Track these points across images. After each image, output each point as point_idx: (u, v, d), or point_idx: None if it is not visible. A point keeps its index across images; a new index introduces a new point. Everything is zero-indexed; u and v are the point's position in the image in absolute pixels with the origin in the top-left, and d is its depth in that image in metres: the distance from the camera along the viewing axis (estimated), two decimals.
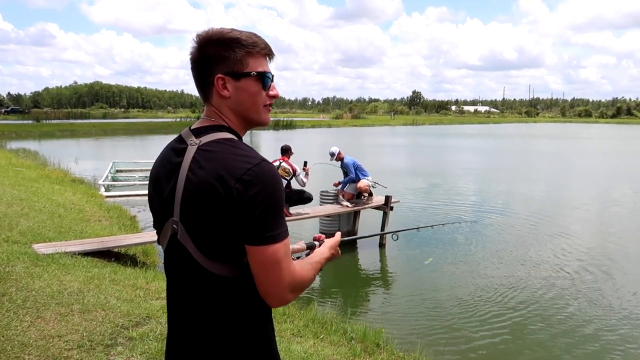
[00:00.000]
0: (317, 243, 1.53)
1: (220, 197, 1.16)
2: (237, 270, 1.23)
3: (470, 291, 7.22)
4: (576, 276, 7.87)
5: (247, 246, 1.19)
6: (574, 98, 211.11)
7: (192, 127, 1.35)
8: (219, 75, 1.29)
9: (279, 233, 1.20)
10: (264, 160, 1.22)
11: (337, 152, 9.43)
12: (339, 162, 9.61)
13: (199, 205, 1.20)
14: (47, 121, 59.45)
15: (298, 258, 1.45)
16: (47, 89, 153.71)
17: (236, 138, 1.30)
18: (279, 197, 1.20)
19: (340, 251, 1.59)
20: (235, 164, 1.19)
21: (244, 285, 1.24)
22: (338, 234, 1.62)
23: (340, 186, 9.66)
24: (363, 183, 9.40)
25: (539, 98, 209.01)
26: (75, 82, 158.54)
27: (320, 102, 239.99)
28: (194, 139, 1.29)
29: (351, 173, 9.37)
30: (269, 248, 1.18)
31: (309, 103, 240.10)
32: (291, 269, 1.23)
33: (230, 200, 1.16)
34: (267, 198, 1.17)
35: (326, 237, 1.62)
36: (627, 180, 19.27)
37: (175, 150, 1.32)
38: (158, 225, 1.35)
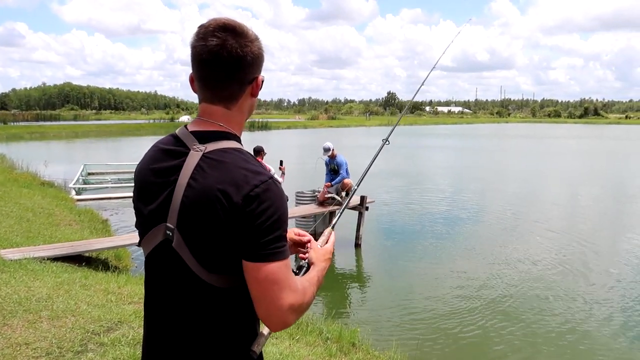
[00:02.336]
0: (304, 264, 1.40)
1: (225, 209, 1.11)
2: (234, 281, 1.18)
3: (444, 289, 7.32)
4: (548, 271, 8.05)
5: (246, 263, 1.14)
6: (543, 99, 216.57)
7: (191, 129, 1.25)
8: (261, 75, 1.28)
9: (281, 251, 1.15)
10: (272, 177, 1.17)
11: (332, 148, 9.41)
12: (332, 158, 9.54)
13: (200, 214, 1.14)
14: (15, 123, 57.83)
15: None
16: (14, 90, 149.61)
17: (243, 147, 1.24)
18: (284, 216, 1.16)
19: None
20: (244, 179, 1.13)
21: (239, 296, 1.19)
22: (332, 240, 1.56)
23: (332, 185, 9.53)
24: (348, 180, 9.42)
25: (510, 99, 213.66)
26: (44, 84, 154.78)
27: (296, 103, 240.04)
28: (198, 144, 1.21)
29: (343, 171, 9.37)
30: (270, 266, 1.13)
31: (285, 104, 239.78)
32: (292, 288, 1.16)
33: (235, 215, 1.11)
34: (272, 216, 1.13)
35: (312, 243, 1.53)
36: (595, 177, 19.82)
37: (171, 153, 1.23)
38: (144, 227, 1.27)
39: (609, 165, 24.69)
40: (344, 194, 9.58)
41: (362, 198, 9.55)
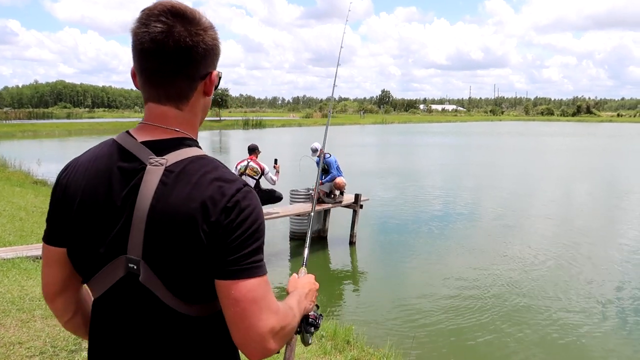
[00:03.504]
0: None
1: (204, 229, 0.97)
2: (216, 307, 1.04)
3: (439, 286, 7.35)
4: (543, 268, 8.11)
5: (220, 282, 0.99)
6: (537, 97, 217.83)
7: (142, 139, 1.05)
8: (216, 71, 1.10)
9: (260, 265, 1.02)
10: (246, 184, 1.04)
11: (320, 148, 9.39)
12: (320, 158, 9.52)
13: (174, 240, 0.98)
14: (7, 121, 57.37)
15: None
16: (6, 88, 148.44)
17: (207, 155, 1.07)
18: (263, 226, 1.04)
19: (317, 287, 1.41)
20: (219, 190, 0.99)
21: (221, 322, 1.04)
22: (310, 275, 1.47)
23: (323, 183, 9.52)
24: (340, 179, 9.41)
25: (503, 97, 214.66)
26: (37, 81, 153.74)
27: (290, 101, 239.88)
28: (155, 156, 1.02)
29: (333, 170, 9.37)
30: (249, 282, 0.99)
31: (279, 102, 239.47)
32: (273, 309, 1.01)
33: (216, 232, 0.97)
34: (252, 225, 1.00)
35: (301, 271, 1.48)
36: (589, 174, 19.95)
37: (123, 171, 1.03)
38: (91, 264, 1.05)
39: (603, 162, 24.86)
40: (337, 192, 9.60)
41: (357, 196, 9.57)
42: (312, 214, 1.93)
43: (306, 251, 1.75)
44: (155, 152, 1.03)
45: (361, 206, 9.59)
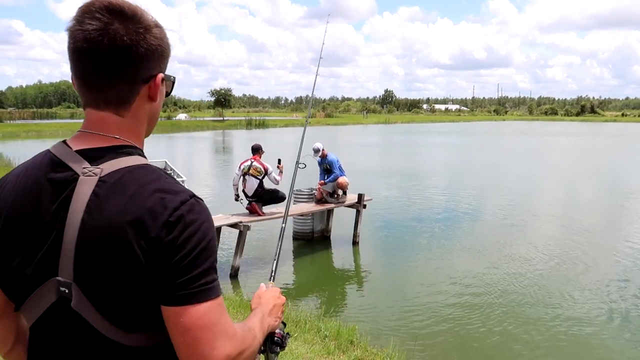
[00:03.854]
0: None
1: (141, 246, 0.86)
2: (160, 336, 0.92)
3: (442, 286, 7.34)
4: (547, 268, 8.09)
5: (167, 308, 0.88)
6: (540, 96, 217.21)
7: (76, 147, 0.95)
8: (161, 74, 1.00)
9: (212, 287, 0.90)
10: (193, 195, 0.93)
11: (322, 148, 9.41)
12: (323, 158, 9.54)
13: (107, 259, 0.86)
14: (11, 121, 57.65)
15: None
16: (10, 88, 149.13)
17: (150, 164, 0.97)
18: (213, 242, 0.93)
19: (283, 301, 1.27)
20: (159, 202, 0.88)
21: (167, 353, 0.92)
22: (276, 288, 1.32)
23: (326, 183, 9.52)
24: (343, 179, 9.41)
25: (507, 96, 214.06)
26: (40, 81, 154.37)
27: (294, 101, 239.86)
28: (88, 165, 0.92)
29: (336, 170, 9.37)
30: (200, 307, 0.88)
31: (282, 102, 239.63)
32: (229, 334, 0.91)
33: (155, 250, 0.86)
34: (199, 243, 0.89)
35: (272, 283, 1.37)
36: (594, 174, 19.87)
37: (54, 183, 0.92)
38: (22, 288, 0.93)
39: (607, 162, 24.76)
40: (340, 192, 9.59)
41: (360, 196, 9.56)
42: (283, 224, 1.82)
43: (274, 264, 1.59)
44: (90, 161, 0.92)
45: (364, 206, 9.58)
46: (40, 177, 0.93)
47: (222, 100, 69.67)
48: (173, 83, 1.07)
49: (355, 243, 9.48)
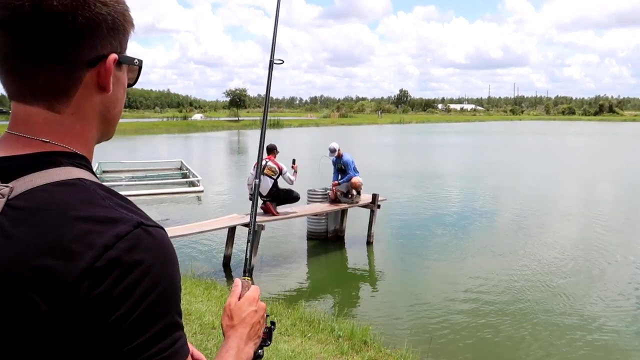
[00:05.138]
0: None
1: (48, 307, 0.59)
2: None
3: (457, 287, 7.29)
4: (565, 270, 7.98)
5: None
6: (557, 96, 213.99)
7: None
8: (114, 55, 0.71)
9: (169, 355, 0.64)
10: (141, 223, 0.65)
11: (338, 148, 9.43)
12: (338, 158, 9.55)
13: (5, 320, 0.61)
14: None
15: None
16: None
17: (88, 177, 0.70)
18: (168, 291, 0.65)
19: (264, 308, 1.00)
20: (80, 238, 0.61)
21: None
22: (253, 290, 1.01)
23: (340, 184, 9.53)
24: (357, 179, 9.42)
25: (523, 96, 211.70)
26: None
27: (308, 101, 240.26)
28: None
29: (350, 170, 9.38)
30: None
31: (297, 102, 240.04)
32: None
33: (68, 313, 0.60)
34: (145, 297, 0.62)
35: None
36: (613, 175, 19.54)
37: None
38: None
39: (626, 162, 24.32)
40: (354, 192, 9.59)
41: (374, 196, 9.54)
42: (253, 224, 1.44)
43: (249, 251, 1.26)
44: (2, 175, 0.66)
45: (379, 206, 9.56)
46: None
47: (237, 100, 70.06)
48: (140, 68, 0.79)
49: (369, 243, 9.46)
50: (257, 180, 1.40)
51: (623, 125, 72.91)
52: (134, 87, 0.82)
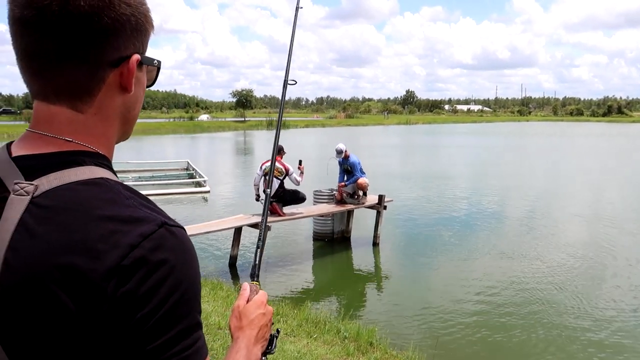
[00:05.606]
0: None
1: (73, 304, 0.60)
2: None
3: (464, 288, 7.26)
4: (573, 272, 7.92)
5: None
6: (565, 97, 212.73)
7: (16, 152, 0.70)
8: (137, 55, 0.72)
9: (191, 354, 0.66)
10: (165, 223, 0.66)
11: (345, 149, 9.43)
12: (345, 159, 9.54)
13: (30, 317, 0.62)
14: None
15: None
16: None
17: (111, 177, 0.71)
18: (191, 291, 0.67)
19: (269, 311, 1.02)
20: (105, 237, 0.62)
21: None
22: (261, 294, 1.03)
23: (346, 185, 9.53)
24: (363, 180, 9.41)
25: (531, 97, 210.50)
26: None
27: (314, 101, 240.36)
28: (22, 180, 0.66)
29: (357, 172, 9.37)
30: None
31: (303, 103, 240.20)
32: None
33: (95, 310, 0.61)
34: (169, 296, 0.63)
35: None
36: (619, 177, 19.39)
37: None
38: None
39: (635, 164, 24.14)
40: (360, 193, 9.57)
41: (380, 197, 9.52)
42: (264, 230, 1.39)
43: (258, 257, 1.25)
44: (26, 173, 0.67)
45: (385, 207, 9.54)
46: None
47: (244, 101, 70.25)
48: (158, 69, 0.79)
49: (375, 244, 9.44)
50: (268, 190, 1.41)
51: (632, 126, 72.35)
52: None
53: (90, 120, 0.71)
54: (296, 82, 1.75)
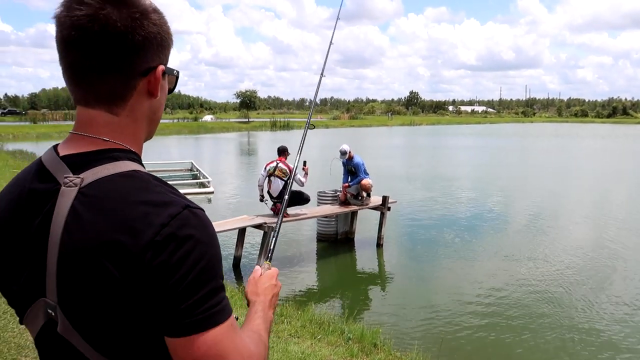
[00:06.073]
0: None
1: (119, 272, 0.75)
2: None
3: (468, 290, 7.24)
4: (578, 274, 7.89)
5: (171, 340, 0.78)
6: (570, 98, 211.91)
7: (63, 152, 0.85)
8: (162, 66, 0.88)
9: (220, 309, 0.79)
10: (188, 205, 0.80)
11: (349, 150, 9.43)
12: (349, 160, 9.53)
13: (85, 285, 0.77)
14: (45, 123, 59.34)
15: None
16: (44, 90, 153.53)
17: (142, 169, 0.86)
18: (213, 260, 0.80)
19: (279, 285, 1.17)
20: (143, 218, 0.76)
21: None
22: (273, 270, 1.20)
23: (350, 186, 9.52)
24: (366, 181, 9.40)
25: (535, 98, 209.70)
26: None
27: (318, 102, 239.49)
28: (70, 174, 0.81)
29: (360, 173, 9.37)
30: (209, 334, 0.78)
31: (307, 104, 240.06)
32: (245, 355, 0.82)
33: (136, 277, 0.75)
34: (198, 262, 0.77)
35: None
36: (624, 178, 19.31)
37: (36, 194, 0.83)
38: (18, 306, 0.88)
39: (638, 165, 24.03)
40: (364, 194, 9.57)
41: (384, 198, 9.51)
42: (280, 218, 1.67)
43: (273, 242, 1.47)
44: (73, 168, 0.82)
45: (389, 208, 9.53)
46: (26, 188, 0.85)
47: (248, 102, 70.32)
48: (177, 78, 0.96)
49: (379, 245, 9.43)
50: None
51: (637, 127, 72.00)
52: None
53: (124, 122, 0.87)
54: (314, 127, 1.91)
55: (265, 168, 8.35)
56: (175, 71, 0.94)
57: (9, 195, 0.88)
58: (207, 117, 75.85)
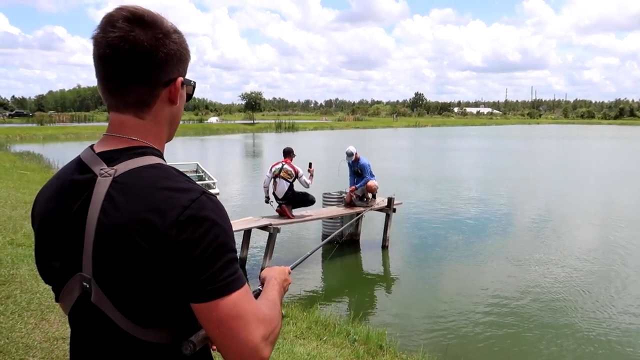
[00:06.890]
0: (260, 288, 1.23)
1: (148, 246, 0.89)
2: (178, 333, 0.98)
3: (473, 292, 7.21)
4: (584, 277, 7.84)
5: (196, 305, 0.93)
6: (576, 99, 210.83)
7: (98, 150, 1.02)
8: (181, 78, 1.04)
9: (236, 278, 0.94)
10: (204, 192, 0.95)
11: (355, 152, 9.43)
12: (355, 162, 9.53)
13: (118, 257, 0.91)
14: (51, 124, 59.70)
15: None
16: (51, 92, 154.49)
17: (164, 162, 1.02)
18: (229, 235, 0.95)
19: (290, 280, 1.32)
20: (167, 201, 0.91)
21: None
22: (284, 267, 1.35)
23: (357, 188, 9.52)
24: (372, 182, 9.40)
25: (541, 99, 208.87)
26: (79, 86, 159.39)
27: (323, 104, 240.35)
28: (105, 167, 0.97)
29: (366, 174, 9.37)
30: (228, 299, 0.92)
31: (312, 105, 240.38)
32: (260, 317, 0.96)
33: (165, 249, 0.89)
34: (215, 239, 0.91)
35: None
36: (630, 180, 19.18)
37: (76, 184, 0.99)
38: (56, 282, 1.02)
39: None
40: (370, 195, 9.56)
41: (390, 200, 9.50)
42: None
43: (302, 259, 1.75)
44: (107, 161, 0.98)
45: (394, 210, 9.52)
46: (68, 179, 1.01)
47: (253, 103, 70.49)
48: (193, 87, 1.11)
49: (384, 247, 9.42)
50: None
51: None
52: None
53: (149, 125, 1.03)
54: None
55: (271, 169, 8.36)
56: (192, 82, 1.09)
57: (52, 187, 1.04)
58: (213, 119, 76.02)
